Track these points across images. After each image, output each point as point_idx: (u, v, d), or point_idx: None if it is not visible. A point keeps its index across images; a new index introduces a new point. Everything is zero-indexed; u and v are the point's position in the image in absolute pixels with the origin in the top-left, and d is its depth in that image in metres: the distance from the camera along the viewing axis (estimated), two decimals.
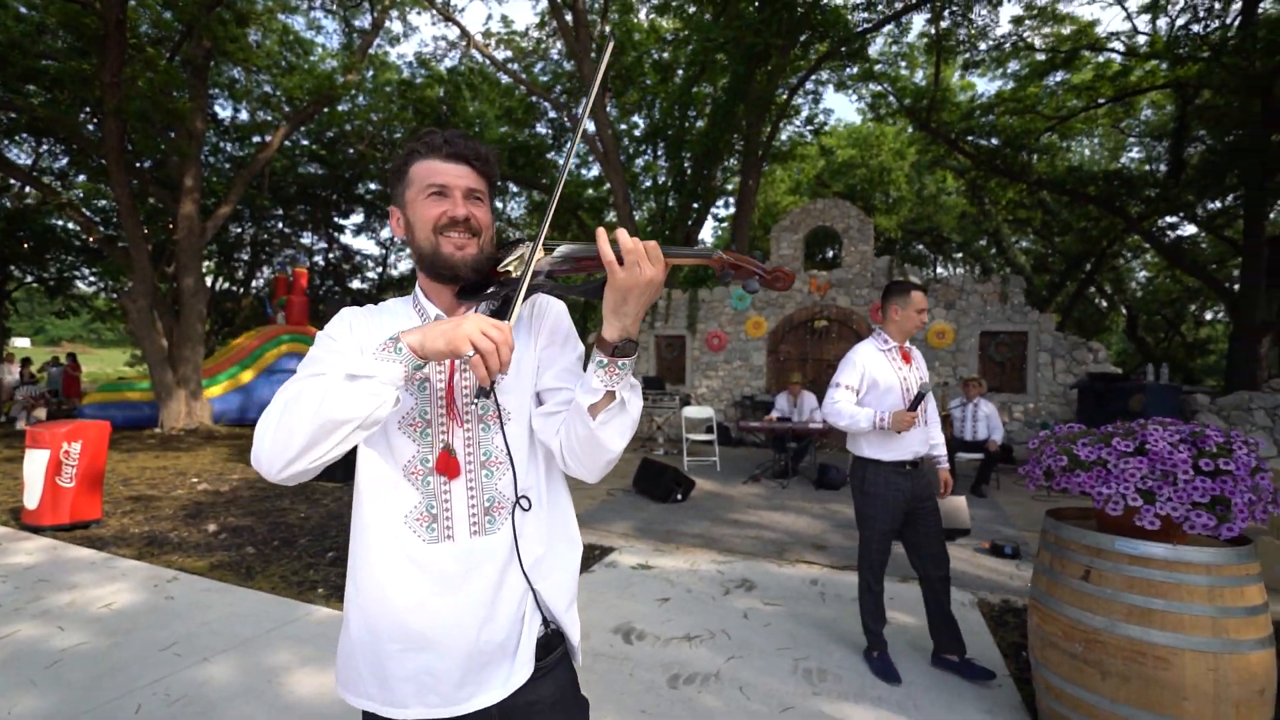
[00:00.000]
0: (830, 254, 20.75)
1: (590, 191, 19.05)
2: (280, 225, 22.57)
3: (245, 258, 22.49)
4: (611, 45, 1.09)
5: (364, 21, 15.66)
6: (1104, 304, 22.60)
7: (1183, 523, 1.99)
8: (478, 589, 0.97)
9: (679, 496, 5.99)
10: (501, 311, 0.96)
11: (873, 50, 14.54)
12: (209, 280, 21.08)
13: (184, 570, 3.98)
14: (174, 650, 2.87)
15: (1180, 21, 11.54)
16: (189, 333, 11.76)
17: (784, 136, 17.90)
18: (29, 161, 17.27)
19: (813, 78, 14.72)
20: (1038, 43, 12.86)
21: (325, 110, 15.01)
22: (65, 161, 17.30)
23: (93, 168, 15.70)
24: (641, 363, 11.22)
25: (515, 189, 22.03)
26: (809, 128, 18.09)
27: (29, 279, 20.12)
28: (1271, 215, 11.74)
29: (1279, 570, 4.04)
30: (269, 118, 17.04)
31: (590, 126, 12.98)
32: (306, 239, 23.71)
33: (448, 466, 0.98)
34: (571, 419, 0.96)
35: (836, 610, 3.49)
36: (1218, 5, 11.00)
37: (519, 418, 1.03)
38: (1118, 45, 12.57)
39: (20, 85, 11.82)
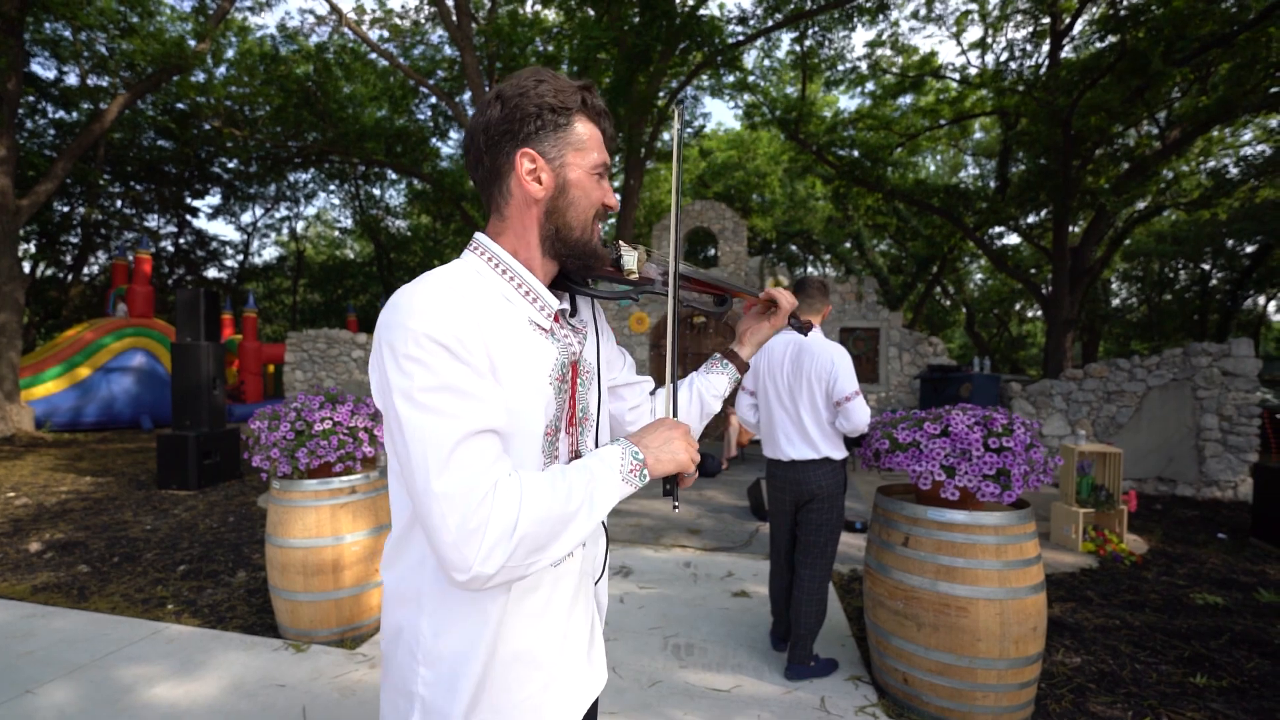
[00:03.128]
0: (711, 253, 21.64)
1: (471, 183, 18.51)
2: (120, 205, 19.85)
3: (75, 240, 19.51)
4: (679, 112, 1.07)
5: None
6: (948, 302, 25.41)
7: (976, 492, 2.37)
8: (584, 598, 0.99)
9: None
10: (575, 304, 1.00)
11: (748, 62, 15.36)
12: (27, 266, 18.17)
13: None
14: None
15: (1003, 58, 13.28)
16: (3, 326, 10.11)
17: (666, 137, 18.42)
18: None
19: (692, 84, 15.26)
20: (890, 67, 14.21)
21: (175, 79, 13.41)
22: None
23: None
24: None
25: (394, 176, 20.92)
26: (689, 131, 18.71)
27: None
28: (1074, 228, 13.79)
29: (1066, 529, 4.83)
30: (104, 84, 14.94)
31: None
32: (152, 222, 21.08)
33: None
34: (699, 401, 1.13)
35: (706, 589, 3.74)
36: (1029, 46, 12.79)
37: (603, 415, 1.05)
38: (954, 74, 14.20)
39: None
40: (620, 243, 0.98)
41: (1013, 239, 19.96)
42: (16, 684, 2.57)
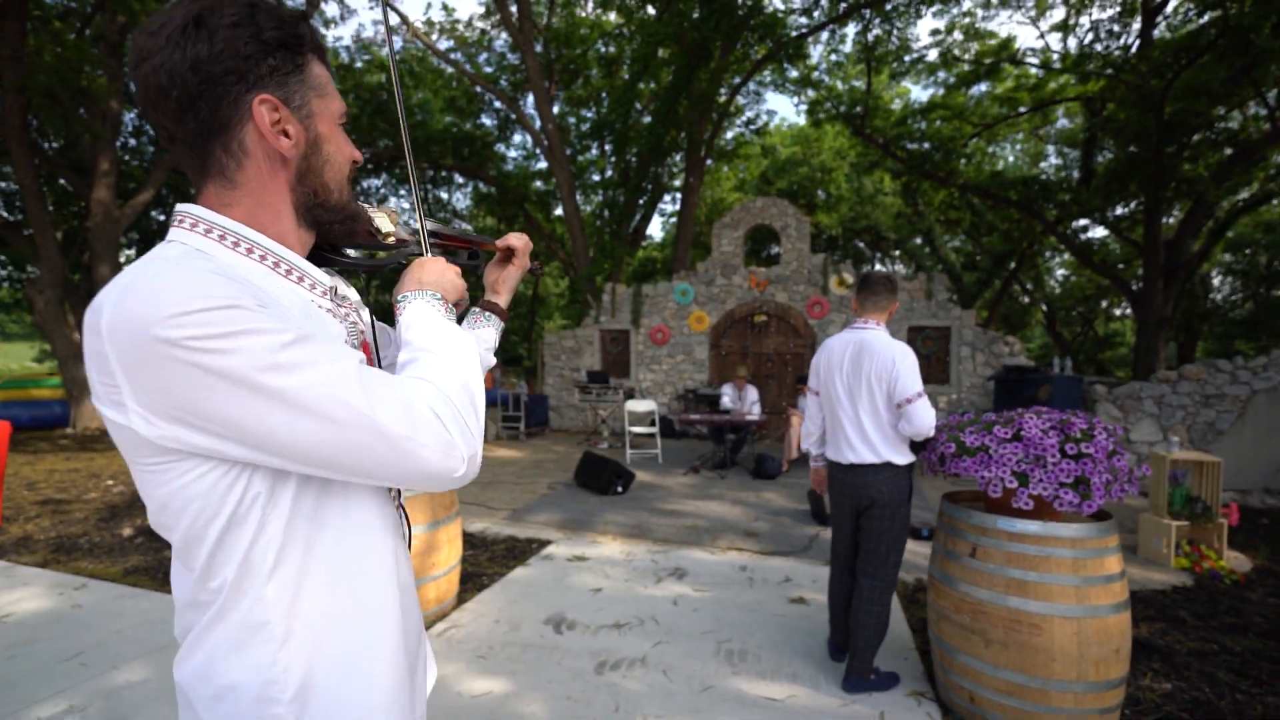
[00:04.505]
0: (774, 251, 21.27)
1: (538, 184, 18.90)
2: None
3: None
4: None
5: (299, 1, 15.00)
6: (1026, 300, 24.01)
7: (1052, 501, 2.21)
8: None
9: (619, 489, 6.09)
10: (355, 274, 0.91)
11: (812, 56, 15.00)
12: None
13: (95, 577, 3.81)
14: (79, 660, 2.77)
15: (1088, 39, 12.41)
16: None
17: (728, 135, 18.22)
18: None
19: (754, 79, 15.04)
20: (963, 55, 13.55)
21: None
22: None
23: None
24: (586, 357, 11.27)
25: (461, 179, 21.61)
26: (751, 128, 18.46)
27: None
28: (1168, 220, 12.76)
29: (1156, 543, 4.46)
30: None
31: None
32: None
33: None
34: None
35: (763, 594, 3.66)
36: (1117, 27, 11.89)
37: None
38: (1034, 60, 13.39)
39: None
40: (363, 203, 0.86)
41: (1099, 232, 18.66)
42: (105, 660, 2.79)
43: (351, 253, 0.86)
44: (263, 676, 0.66)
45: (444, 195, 23.62)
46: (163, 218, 19.77)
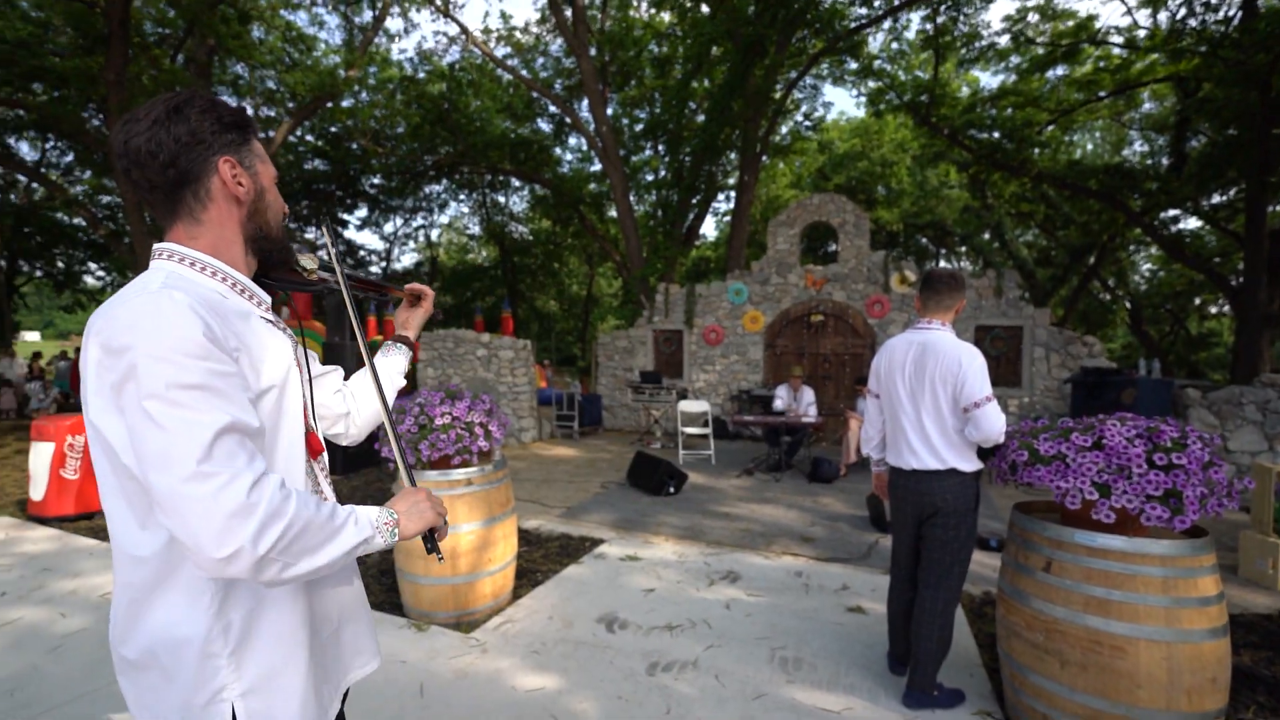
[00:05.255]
0: (832, 248, 20.75)
1: (593, 185, 19.09)
2: (286, 221, 22.70)
3: None
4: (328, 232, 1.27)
5: (365, 18, 15.71)
6: (1107, 297, 22.50)
7: (1138, 515, 2.05)
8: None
9: (671, 490, 6.06)
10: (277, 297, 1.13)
11: (873, 46, 14.52)
12: None
13: None
14: None
15: (1180, 14, 11.48)
16: None
17: (784, 130, 17.88)
18: (35, 157, 17.45)
19: (811, 73, 14.69)
20: (1038, 37, 12.80)
21: (329, 106, 15.07)
22: (71, 158, 17.45)
23: (97, 164, 15.83)
24: (639, 357, 11.29)
25: (517, 183, 22.07)
26: (807, 124, 18.05)
27: (37, 273, 20.31)
28: (1274, 208, 11.68)
29: (1259, 563, 4.09)
30: (273, 114, 17.13)
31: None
32: (310, 234, 23.84)
33: (319, 446, 1.09)
34: (371, 394, 1.28)
35: (818, 601, 3.56)
36: None
37: (317, 405, 1.19)
38: (1117, 39, 12.50)
39: (27, 83, 11.95)
40: (293, 245, 1.11)
41: (1191, 223, 17.27)
42: None
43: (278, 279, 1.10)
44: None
45: (501, 199, 24.21)
46: None
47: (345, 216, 23.55)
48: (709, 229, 27.88)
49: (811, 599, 3.60)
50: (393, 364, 1.35)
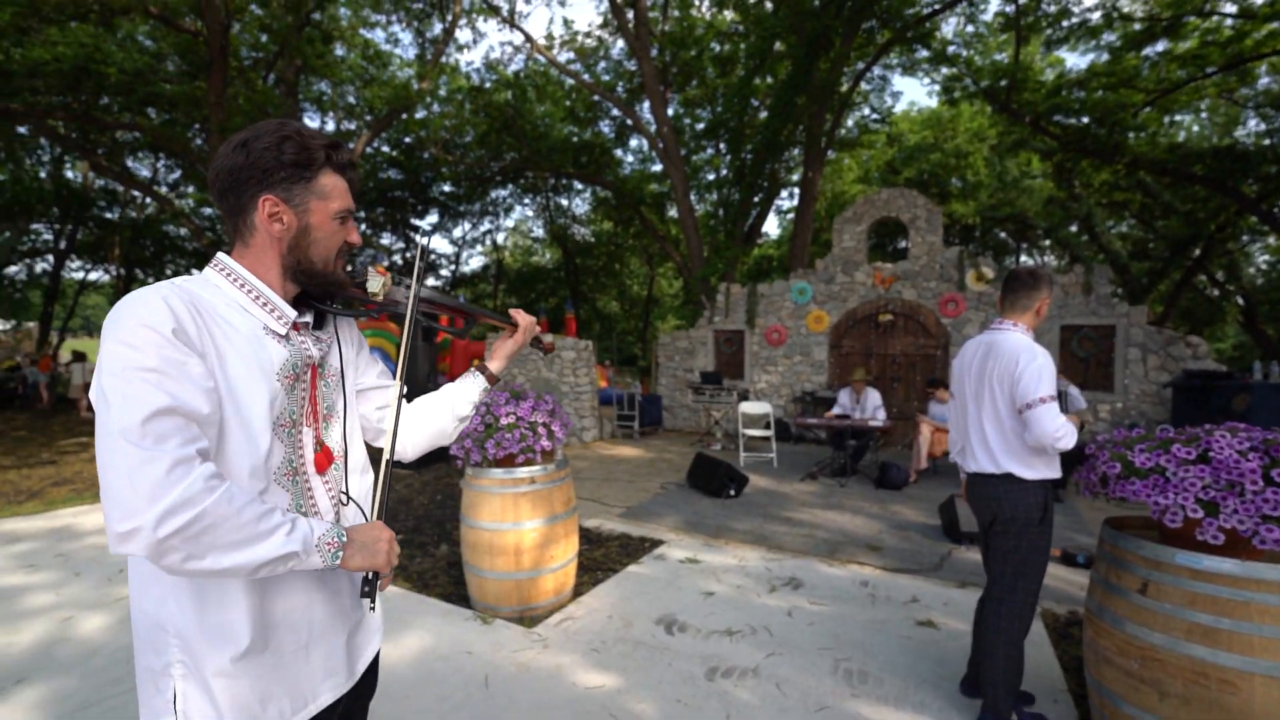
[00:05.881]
0: (902, 245, 19.95)
1: (654, 186, 19.13)
2: (363, 227, 23.95)
3: None
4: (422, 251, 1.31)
5: (435, 31, 16.34)
6: (1216, 293, 20.58)
7: (1251, 537, 1.85)
8: (344, 575, 1.11)
9: (732, 492, 5.98)
10: (321, 320, 1.14)
11: (946, 31, 13.85)
12: None
13: None
14: None
15: None
16: None
17: (850, 124, 17.33)
18: (149, 175, 19.15)
19: (879, 63, 14.17)
20: (1135, 10, 11.85)
21: (403, 117, 15.78)
22: (178, 174, 19.05)
23: (201, 179, 17.20)
24: (699, 357, 11.21)
25: (580, 186, 22.39)
26: (875, 116, 17.43)
27: (150, 282, 22.25)
28: None
29: None
30: (352, 127, 18.10)
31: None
32: (385, 240, 25.04)
33: (325, 460, 1.08)
34: (435, 417, 1.29)
35: (886, 613, 3.42)
36: None
37: (350, 414, 1.18)
38: (1230, 8, 11.38)
39: (142, 108, 13.15)
40: (371, 268, 1.12)
41: None
42: None
43: (340, 304, 1.14)
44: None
45: (564, 201, 24.63)
46: None
47: (416, 222, 24.59)
48: (771, 227, 27.36)
49: (879, 610, 3.46)
50: (462, 391, 1.31)
